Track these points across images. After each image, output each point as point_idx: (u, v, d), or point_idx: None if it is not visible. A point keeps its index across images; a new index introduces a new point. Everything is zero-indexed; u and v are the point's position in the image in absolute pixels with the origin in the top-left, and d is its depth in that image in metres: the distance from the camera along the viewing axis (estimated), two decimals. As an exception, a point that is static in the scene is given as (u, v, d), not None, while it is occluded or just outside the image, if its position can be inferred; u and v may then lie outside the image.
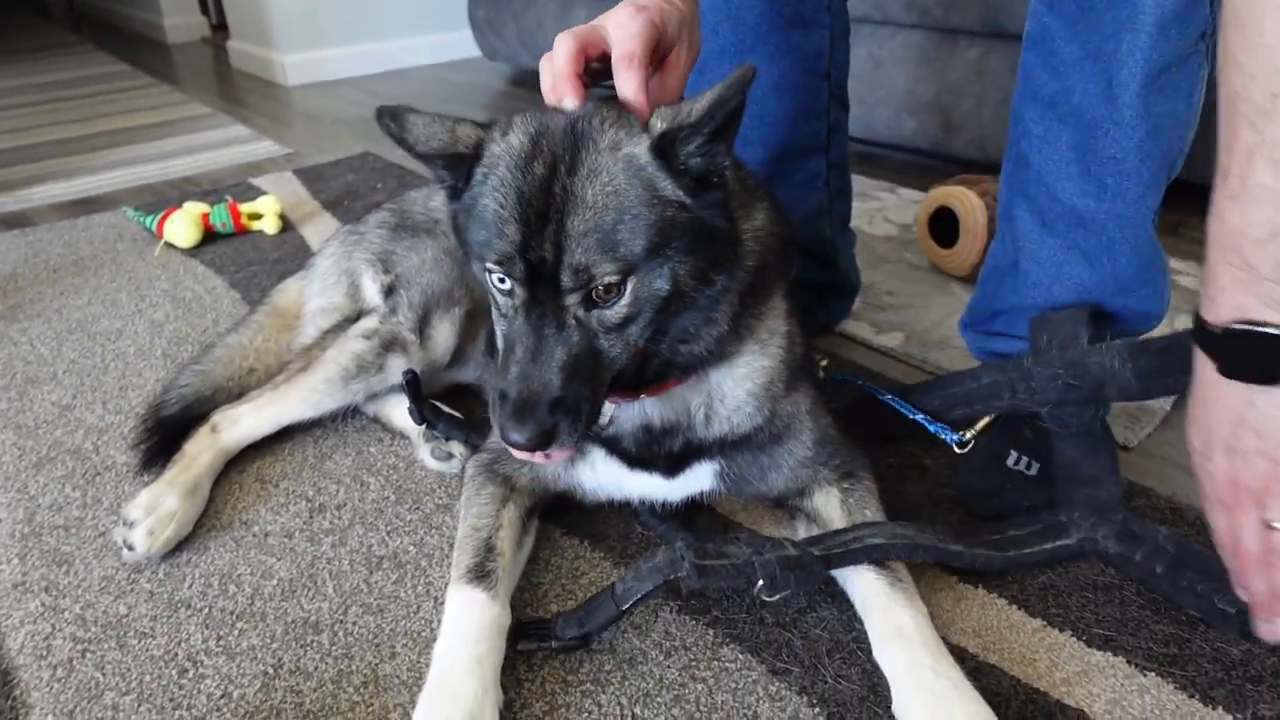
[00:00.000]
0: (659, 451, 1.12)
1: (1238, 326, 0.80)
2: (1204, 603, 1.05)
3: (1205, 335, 0.85)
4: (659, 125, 0.89)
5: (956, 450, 1.33)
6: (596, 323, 0.91)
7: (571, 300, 0.90)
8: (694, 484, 1.18)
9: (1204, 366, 0.87)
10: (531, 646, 1.04)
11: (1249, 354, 0.81)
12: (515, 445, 0.91)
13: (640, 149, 0.89)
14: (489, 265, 0.92)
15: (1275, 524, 0.87)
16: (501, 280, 0.92)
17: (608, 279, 0.88)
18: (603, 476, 1.18)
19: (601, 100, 0.97)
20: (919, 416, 1.36)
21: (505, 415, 0.90)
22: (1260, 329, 0.79)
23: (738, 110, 0.88)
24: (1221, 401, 0.86)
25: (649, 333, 0.95)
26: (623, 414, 1.10)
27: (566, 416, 0.90)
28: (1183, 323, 1.80)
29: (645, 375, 1.02)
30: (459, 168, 0.95)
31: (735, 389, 1.12)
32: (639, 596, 1.00)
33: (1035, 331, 1.29)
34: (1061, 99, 1.21)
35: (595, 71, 1.02)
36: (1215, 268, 0.83)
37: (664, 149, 0.89)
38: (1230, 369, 0.83)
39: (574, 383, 0.90)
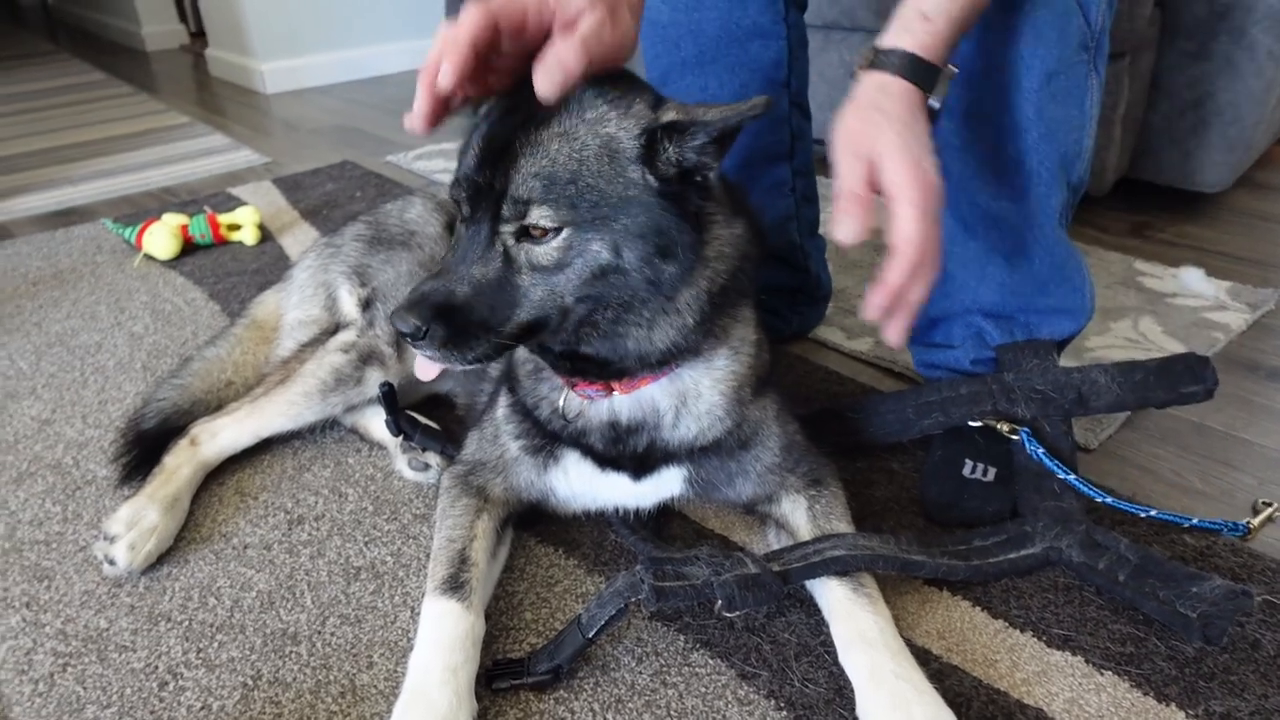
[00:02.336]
0: (625, 450, 1.15)
1: (908, 51, 1.13)
2: (1166, 609, 1.07)
3: (891, 55, 1.17)
4: (669, 116, 0.93)
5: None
6: (524, 258, 0.95)
7: (506, 229, 0.95)
8: (663, 490, 1.20)
9: (885, 77, 1.17)
10: (505, 685, 1.05)
11: (916, 69, 1.13)
12: (400, 332, 0.96)
13: (624, 133, 0.93)
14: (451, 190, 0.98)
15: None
16: (458, 205, 0.98)
17: (543, 221, 0.93)
18: (575, 483, 1.20)
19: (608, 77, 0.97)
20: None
21: (402, 301, 0.95)
22: (919, 57, 1.13)
23: (739, 128, 0.94)
24: (896, 90, 1.17)
25: (581, 294, 0.97)
26: (591, 409, 1.13)
27: (454, 331, 0.94)
28: (1147, 325, 1.83)
29: (604, 360, 1.04)
30: None
31: (711, 390, 1.14)
32: (603, 623, 1.02)
33: (1003, 355, 1.36)
34: (974, 107, 1.29)
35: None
36: (907, 18, 1.15)
37: (653, 137, 0.93)
38: (906, 74, 1.15)
39: (478, 301, 0.95)
